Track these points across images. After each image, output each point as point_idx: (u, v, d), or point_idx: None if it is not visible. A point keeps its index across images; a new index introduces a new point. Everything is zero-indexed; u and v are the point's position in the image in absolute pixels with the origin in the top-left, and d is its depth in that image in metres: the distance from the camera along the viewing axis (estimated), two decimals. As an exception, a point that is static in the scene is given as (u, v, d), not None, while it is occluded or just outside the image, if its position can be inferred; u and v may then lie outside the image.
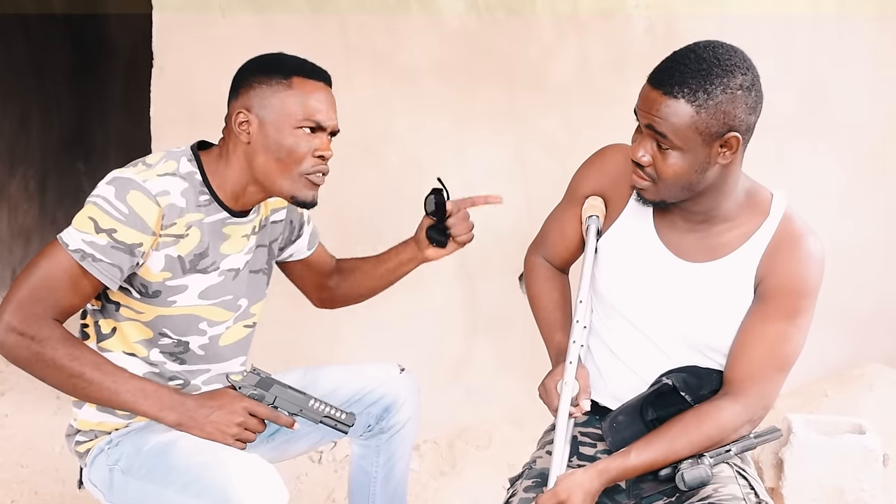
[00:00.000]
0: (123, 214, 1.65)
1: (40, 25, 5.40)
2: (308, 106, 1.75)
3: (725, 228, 1.71)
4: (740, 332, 1.70)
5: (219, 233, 1.79)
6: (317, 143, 1.76)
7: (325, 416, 1.74)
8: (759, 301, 1.69)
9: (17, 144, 5.24)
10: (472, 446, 3.12)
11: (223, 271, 1.82)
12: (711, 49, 1.59)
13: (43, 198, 5.58)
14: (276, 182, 1.77)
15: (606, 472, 1.64)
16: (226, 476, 1.59)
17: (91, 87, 6.11)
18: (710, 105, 1.55)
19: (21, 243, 5.32)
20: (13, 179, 5.21)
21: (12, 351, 1.62)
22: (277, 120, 1.74)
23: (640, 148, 1.63)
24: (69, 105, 5.86)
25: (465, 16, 3.14)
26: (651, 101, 1.58)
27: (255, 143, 1.76)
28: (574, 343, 1.74)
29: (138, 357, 1.79)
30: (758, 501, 1.63)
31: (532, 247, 2.02)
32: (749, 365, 1.68)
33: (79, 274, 1.65)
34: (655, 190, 1.65)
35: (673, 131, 1.57)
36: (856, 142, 3.38)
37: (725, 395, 1.69)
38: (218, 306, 1.83)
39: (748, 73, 1.59)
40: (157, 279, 1.73)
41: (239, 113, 1.76)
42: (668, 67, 1.59)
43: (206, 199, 1.77)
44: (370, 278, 2.12)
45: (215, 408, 1.69)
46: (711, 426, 1.66)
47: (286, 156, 1.75)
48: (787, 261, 1.68)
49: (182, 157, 1.77)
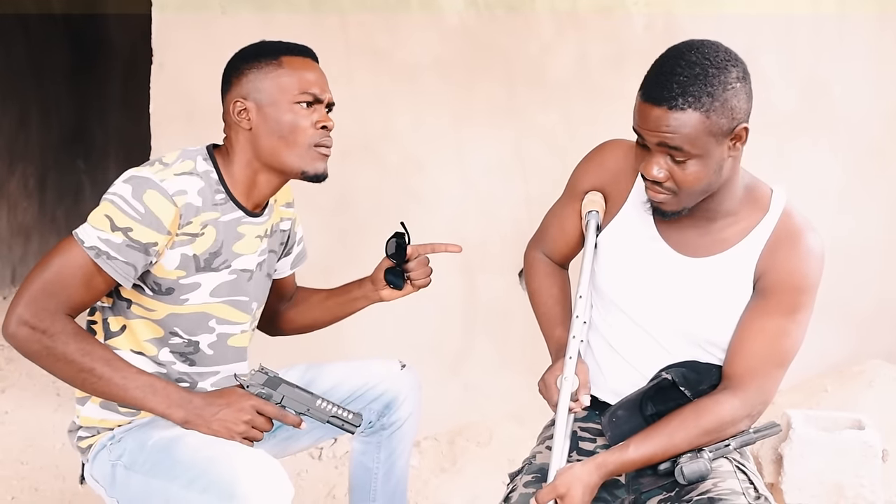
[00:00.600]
0: (139, 213, 1.66)
1: (40, 25, 5.41)
2: (302, 79, 1.78)
3: (726, 224, 1.71)
4: (739, 328, 1.70)
5: (233, 232, 1.80)
6: (316, 116, 1.79)
7: (333, 415, 1.74)
8: (759, 296, 1.69)
9: (17, 142, 5.24)
10: (473, 443, 3.12)
11: (234, 270, 1.82)
12: (697, 51, 1.56)
13: (42, 196, 5.58)
14: (285, 160, 1.78)
15: (605, 465, 1.65)
16: (232, 471, 1.59)
17: (90, 85, 6.12)
18: (716, 106, 1.54)
19: (21, 241, 5.33)
20: (13, 177, 5.22)
21: (24, 344, 1.63)
22: (274, 99, 1.76)
23: (653, 165, 1.60)
24: (69, 103, 5.86)
25: (464, 13, 3.15)
26: (656, 118, 1.55)
27: (256, 127, 1.77)
28: (574, 338, 1.74)
29: (146, 356, 1.79)
30: (757, 496, 1.63)
31: (532, 242, 2.02)
32: (748, 360, 1.68)
33: (93, 271, 1.66)
34: (676, 201, 1.64)
35: (687, 142, 1.55)
36: (856, 139, 3.38)
37: (724, 389, 1.70)
38: (229, 305, 1.83)
39: (738, 63, 1.59)
40: (171, 276, 1.74)
41: (235, 102, 1.78)
42: (663, 81, 1.55)
43: (221, 197, 1.78)
44: (317, 309, 2.11)
45: (223, 405, 1.69)
46: (710, 420, 1.66)
47: (289, 132, 1.77)
48: (787, 257, 1.67)
49: (198, 156, 1.78)
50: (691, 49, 1.57)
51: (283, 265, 2.08)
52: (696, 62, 1.54)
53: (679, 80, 1.53)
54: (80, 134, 6.05)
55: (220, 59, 1.87)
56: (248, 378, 1.73)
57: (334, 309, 2.09)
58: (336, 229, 3.11)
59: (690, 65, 1.54)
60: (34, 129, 5.46)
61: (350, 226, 3.16)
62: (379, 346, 2.30)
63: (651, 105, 1.55)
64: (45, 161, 5.59)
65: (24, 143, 5.31)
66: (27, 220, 5.41)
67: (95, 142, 6.27)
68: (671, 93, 1.53)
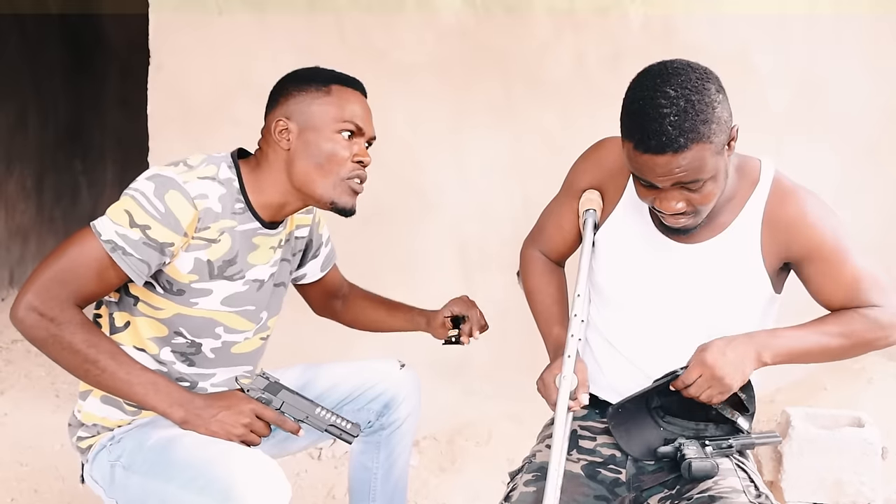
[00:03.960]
0: (159, 212, 1.66)
1: (36, 25, 5.40)
2: (347, 110, 1.78)
3: (723, 203, 1.71)
4: (823, 298, 1.70)
5: (248, 242, 1.80)
6: (356, 149, 1.79)
7: (331, 424, 1.75)
8: (807, 266, 1.69)
9: (14, 143, 5.23)
10: (472, 442, 3.12)
11: (248, 280, 1.82)
12: (670, 82, 1.53)
13: (40, 197, 5.57)
14: (317, 188, 1.78)
15: (756, 337, 1.63)
16: (229, 471, 1.59)
17: (88, 85, 6.11)
18: (713, 128, 1.54)
19: (18, 242, 5.32)
20: (10, 178, 5.21)
21: (30, 330, 1.64)
22: (317, 125, 1.76)
23: (671, 201, 1.59)
24: (66, 103, 5.86)
25: (461, 13, 3.15)
26: (664, 165, 1.54)
27: (294, 149, 1.77)
28: (572, 337, 1.74)
29: (148, 353, 1.79)
30: (757, 494, 1.64)
31: (528, 240, 2.02)
32: (853, 299, 1.67)
33: (107, 264, 1.66)
34: (697, 218, 1.65)
35: (700, 172, 1.55)
36: (852, 137, 3.38)
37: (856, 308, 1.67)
38: (239, 315, 1.83)
39: (709, 75, 1.58)
40: (184, 280, 1.74)
41: (279, 121, 1.77)
42: (656, 128, 1.52)
43: (240, 206, 1.77)
44: (373, 322, 2.19)
45: (223, 408, 1.70)
46: (861, 319, 1.65)
47: (326, 160, 1.76)
48: (796, 220, 1.68)
49: (222, 163, 1.78)
50: (665, 83, 1.54)
51: (312, 269, 2.09)
52: (677, 95, 1.52)
53: (671, 121, 1.51)
54: (78, 134, 6.04)
55: (216, 60, 1.87)
56: (248, 382, 1.74)
57: (389, 328, 2.19)
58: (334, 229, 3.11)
59: (673, 100, 1.52)
60: (31, 130, 5.45)
61: (348, 226, 3.15)
62: (378, 346, 2.31)
63: (654, 155, 1.53)
64: (43, 162, 5.59)
65: (21, 144, 5.31)
66: (25, 221, 5.40)
67: (93, 142, 6.26)
68: (669, 137, 1.51)
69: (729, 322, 1.71)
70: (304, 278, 2.10)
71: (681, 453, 1.68)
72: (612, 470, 1.77)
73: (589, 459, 1.79)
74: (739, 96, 1.67)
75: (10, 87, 5.14)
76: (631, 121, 1.57)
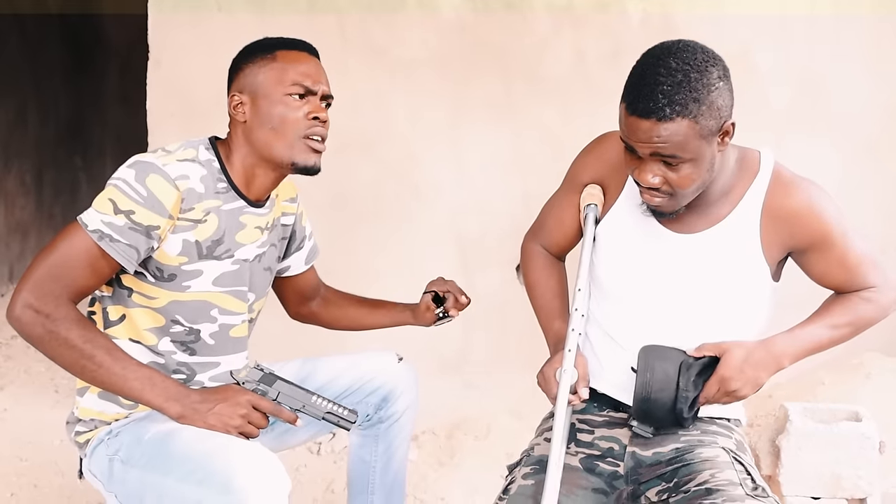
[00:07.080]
0: (142, 196, 1.67)
1: (36, 24, 5.41)
2: (294, 71, 1.80)
3: (721, 195, 1.73)
4: (826, 281, 1.77)
5: (235, 221, 1.82)
6: (308, 107, 1.81)
7: (328, 412, 1.75)
8: (812, 253, 1.74)
9: (14, 139, 5.23)
10: (471, 437, 3.13)
11: (237, 259, 1.84)
12: (675, 56, 1.56)
13: (40, 193, 5.58)
14: (275, 151, 1.80)
15: (772, 341, 1.71)
16: (228, 464, 1.59)
17: (87, 82, 6.11)
18: (703, 110, 1.54)
19: (18, 238, 5.32)
20: (10, 174, 5.21)
21: (27, 327, 1.64)
22: (267, 92, 1.80)
23: (647, 172, 1.62)
24: (66, 100, 5.86)
25: (461, 9, 3.15)
26: (646, 131, 1.56)
27: (250, 120, 1.81)
28: (573, 331, 1.74)
29: (144, 345, 1.80)
30: (754, 486, 1.64)
31: (529, 234, 2.03)
32: (853, 282, 1.75)
33: (97, 254, 1.68)
34: (673, 202, 1.66)
35: (680, 149, 1.56)
36: (852, 136, 3.39)
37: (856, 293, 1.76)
38: (231, 295, 1.84)
39: (717, 61, 1.59)
40: (174, 263, 1.75)
41: (233, 96, 1.83)
42: (647, 93, 1.54)
43: (223, 186, 1.80)
44: (354, 320, 2.19)
45: (219, 401, 1.70)
46: (866, 305, 1.76)
47: (279, 123, 1.79)
48: (804, 211, 1.72)
49: (200, 146, 1.81)
50: (670, 55, 1.56)
51: (296, 261, 2.10)
52: (677, 68, 1.54)
53: (664, 90, 1.53)
54: (78, 131, 6.05)
55: (216, 57, 1.88)
56: (244, 375, 1.74)
57: (369, 326, 2.19)
58: (333, 225, 3.12)
59: (672, 72, 1.54)
60: (31, 126, 5.45)
61: (347, 221, 3.16)
62: (376, 340, 2.31)
63: (639, 118, 1.56)
64: (43, 158, 5.59)
65: (21, 140, 5.31)
66: (24, 217, 5.40)
67: (93, 138, 6.26)
68: (658, 104, 1.53)
69: (728, 312, 1.73)
70: (287, 270, 2.10)
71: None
72: (611, 463, 1.77)
73: (587, 452, 1.79)
74: (740, 93, 1.68)
75: (10, 85, 5.15)
76: (630, 83, 1.60)
